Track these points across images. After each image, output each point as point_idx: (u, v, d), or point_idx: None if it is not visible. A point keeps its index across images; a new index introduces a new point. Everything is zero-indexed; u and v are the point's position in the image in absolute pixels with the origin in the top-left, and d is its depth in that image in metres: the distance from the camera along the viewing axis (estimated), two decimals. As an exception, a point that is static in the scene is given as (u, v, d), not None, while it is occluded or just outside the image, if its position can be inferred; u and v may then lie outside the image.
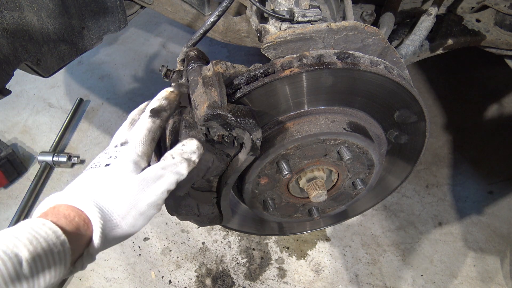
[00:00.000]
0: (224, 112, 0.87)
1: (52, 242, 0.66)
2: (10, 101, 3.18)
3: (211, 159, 0.96)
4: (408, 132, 1.23)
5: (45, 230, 0.66)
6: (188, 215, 1.12)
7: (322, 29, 0.99)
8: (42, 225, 0.67)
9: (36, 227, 0.66)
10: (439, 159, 2.64)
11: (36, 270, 0.63)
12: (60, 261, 0.67)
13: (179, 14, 1.72)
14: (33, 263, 0.62)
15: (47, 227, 0.67)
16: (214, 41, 3.49)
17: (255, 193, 1.18)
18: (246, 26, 1.73)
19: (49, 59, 1.48)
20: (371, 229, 2.36)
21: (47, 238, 0.65)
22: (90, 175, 0.79)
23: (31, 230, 0.65)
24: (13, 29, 1.32)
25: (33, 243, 0.63)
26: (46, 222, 0.68)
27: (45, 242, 0.65)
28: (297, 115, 1.08)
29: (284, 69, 0.99)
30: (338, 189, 1.28)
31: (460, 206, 2.43)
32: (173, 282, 2.20)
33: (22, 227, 0.66)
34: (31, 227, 0.66)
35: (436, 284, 2.15)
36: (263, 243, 2.32)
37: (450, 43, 1.67)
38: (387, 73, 1.04)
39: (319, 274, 2.21)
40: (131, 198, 0.77)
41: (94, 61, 3.44)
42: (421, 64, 3.05)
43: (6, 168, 2.55)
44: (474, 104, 2.90)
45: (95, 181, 0.78)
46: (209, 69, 0.97)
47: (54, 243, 0.66)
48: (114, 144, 0.86)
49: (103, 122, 3.00)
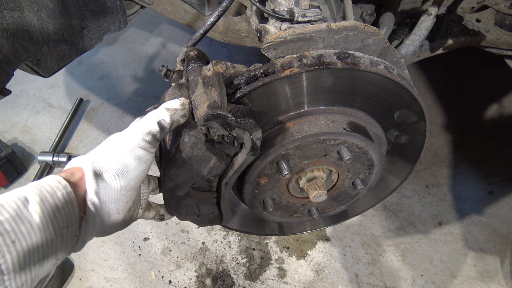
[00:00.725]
0: (224, 112, 0.87)
1: (55, 186, 0.73)
2: (10, 101, 3.19)
3: (211, 159, 0.96)
4: (408, 132, 1.23)
5: (48, 179, 0.74)
6: (188, 215, 1.12)
7: (322, 29, 0.99)
8: (48, 177, 0.75)
9: (43, 179, 0.75)
10: (439, 159, 2.64)
11: (46, 211, 0.69)
12: (67, 205, 0.73)
13: (179, 14, 1.72)
14: (42, 203, 0.69)
15: (52, 178, 0.75)
16: (214, 41, 3.49)
17: (255, 193, 1.18)
18: (246, 26, 1.73)
19: (49, 59, 1.48)
20: (371, 229, 2.36)
21: (50, 184, 0.73)
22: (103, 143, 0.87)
23: (39, 181, 0.74)
24: (13, 29, 1.32)
25: (38, 187, 0.71)
26: (51, 175, 0.76)
27: (49, 186, 0.72)
28: (297, 115, 1.08)
29: (284, 69, 0.98)
30: (338, 189, 1.28)
31: (460, 206, 2.43)
32: (173, 282, 2.20)
33: (30, 183, 0.74)
34: (39, 180, 0.75)
35: (436, 284, 2.15)
36: (263, 243, 2.33)
37: (450, 43, 1.67)
38: (387, 73, 1.04)
39: (319, 274, 2.21)
40: (118, 153, 0.82)
41: (94, 61, 3.45)
42: (421, 64, 3.06)
43: (6, 168, 2.55)
44: (474, 104, 2.90)
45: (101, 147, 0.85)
46: (209, 69, 0.97)
47: (57, 187, 0.73)
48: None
49: (103, 122, 3.00)
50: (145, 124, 0.84)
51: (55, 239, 0.71)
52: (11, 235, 0.63)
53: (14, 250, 0.63)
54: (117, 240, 2.37)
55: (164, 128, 0.86)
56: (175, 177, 0.98)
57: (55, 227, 0.70)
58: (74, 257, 2.32)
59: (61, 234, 0.72)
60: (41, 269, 0.70)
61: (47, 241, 0.69)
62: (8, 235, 0.63)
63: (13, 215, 0.65)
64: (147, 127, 0.84)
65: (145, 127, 0.84)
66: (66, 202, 0.73)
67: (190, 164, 0.96)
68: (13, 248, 0.63)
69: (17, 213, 0.65)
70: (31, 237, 0.66)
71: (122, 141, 0.83)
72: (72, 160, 0.83)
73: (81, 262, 2.30)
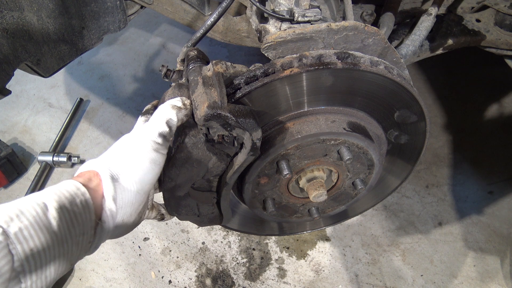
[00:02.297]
0: (224, 112, 0.87)
1: (74, 192, 0.73)
2: (10, 101, 3.19)
3: (211, 159, 0.96)
4: (408, 132, 1.23)
5: (66, 184, 0.74)
6: (188, 215, 1.12)
7: (322, 29, 0.99)
8: (66, 182, 0.75)
9: (62, 184, 0.75)
10: (439, 159, 2.64)
11: (64, 217, 0.69)
12: (84, 211, 0.73)
13: (179, 14, 1.72)
14: (60, 210, 0.69)
15: (71, 183, 0.75)
16: (214, 41, 3.49)
17: (255, 193, 1.18)
18: (246, 26, 1.73)
19: (49, 59, 1.48)
20: (371, 229, 2.36)
21: (68, 189, 0.73)
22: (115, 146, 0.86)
23: (55, 186, 0.74)
24: (13, 29, 1.32)
25: (57, 193, 0.71)
26: (67, 180, 0.77)
27: (67, 192, 0.72)
28: (297, 115, 1.08)
29: (284, 69, 0.98)
30: (338, 189, 1.28)
31: (460, 206, 2.43)
32: (173, 282, 2.20)
33: (48, 188, 0.74)
34: (59, 185, 0.75)
35: (436, 284, 2.15)
36: (263, 243, 2.32)
37: (450, 43, 1.67)
38: (387, 73, 1.04)
39: (319, 274, 2.21)
40: (133, 156, 0.82)
41: (94, 61, 3.45)
42: (421, 64, 3.06)
43: (6, 168, 2.55)
44: (474, 104, 2.90)
45: (114, 150, 0.85)
46: (209, 69, 0.97)
47: (76, 193, 0.73)
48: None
49: (103, 122, 3.00)
50: (156, 126, 0.84)
51: (71, 246, 0.71)
52: (29, 243, 0.63)
53: (32, 259, 0.64)
54: (117, 240, 2.37)
55: (172, 128, 0.86)
56: (175, 177, 0.98)
57: (72, 235, 0.71)
58: (74, 257, 2.32)
59: (77, 241, 0.72)
60: (56, 274, 0.70)
61: (64, 249, 0.69)
62: (27, 243, 0.63)
63: (32, 222, 0.65)
64: (157, 128, 0.84)
65: (156, 129, 0.83)
66: (84, 209, 0.73)
67: (190, 164, 0.96)
68: (31, 256, 0.63)
69: (36, 220, 0.65)
70: (48, 245, 0.66)
71: (136, 144, 0.83)
72: (87, 163, 0.83)
73: (81, 262, 2.30)
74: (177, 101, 0.90)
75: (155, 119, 0.85)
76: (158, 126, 0.84)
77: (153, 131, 0.84)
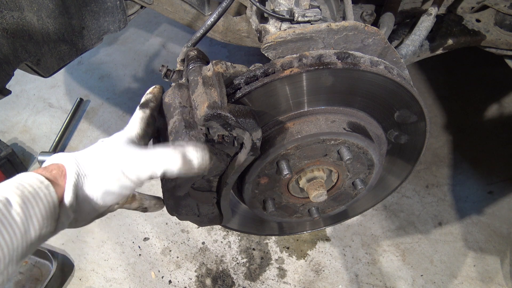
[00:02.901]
0: (224, 112, 0.87)
1: (37, 186, 0.72)
2: (10, 101, 3.19)
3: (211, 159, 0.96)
4: (408, 132, 1.23)
5: (29, 177, 0.73)
6: (188, 215, 1.12)
7: (322, 29, 0.99)
8: (27, 175, 0.73)
9: (23, 177, 0.73)
10: (439, 159, 2.64)
11: (28, 212, 0.68)
12: (48, 204, 0.72)
13: (179, 14, 1.72)
14: (24, 205, 0.68)
15: (33, 176, 0.73)
16: (214, 41, 3.49)
17: (255, 193, 1.18)
18: (246, 26, 1.73)
19: (49, 59, 1.48)
20: (371, 229, 2.36)
21: (32, 183, 0.72)
22: (86, 148, 0.85)
23: (17, 179, 0.72)
24: (13, 29, 1.32)
25: (20, 188, 0.70)
26: (31, 173, 0.75)
27: (30, 187, 0.71)
28: (297, 115, 1.08)
29: (284, 69, 0.98)
30: (338, 189, 1.28)
31: (460, 206, 2.43)
32: (173, 282, 2.20)
33: (10, 180, 0.72)
34: (17, 178, 0.73)
35: (436, 284, 2.15)
36: (263, 243, 2.33)
37: (450, 43, 1.67)
38: (387, 73, 1.04)
39: (319, 274, 2.21)
40: (110, 162, 0.80)
41: (94, 61, 3.45)
42: (421, 64, 3.06)
43: (6, 168, 2.55)
44: (474, 104, 2.90)
45: (86, 148, 0.84)
46: (209, 69, 0.97)
47: (39, 188, 0.72)
48: None
49: (103, 122, 3.00)
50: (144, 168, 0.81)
51: (34, 239, 0.71)
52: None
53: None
54: (117, 240, 2.37)
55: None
56: (175, 177, 0.98)
57: (35, 228, 0.70)
58: (74, 257, 2.32)
59: (40, 234, 0.72)
60: (18, 266, 0.70)
61: (27, 243, 0.69)
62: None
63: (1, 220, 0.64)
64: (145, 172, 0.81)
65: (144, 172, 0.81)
66: (48, 203, 0.72)
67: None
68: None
69: (5, 216, 0.65)
70: (12, 241, 0.65)
71: (114, 163, 0.80)
72: (56, 156, 0.81)
73: (81, 262, 2.30)
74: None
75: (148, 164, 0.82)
76: (147, 170, 0.82)
77: (141, 170, 0.82)
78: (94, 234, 2.40)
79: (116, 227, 2.42)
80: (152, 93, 1.02)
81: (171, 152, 0.81)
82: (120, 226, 2.42)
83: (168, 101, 1.01)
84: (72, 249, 2.35)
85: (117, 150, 0.82)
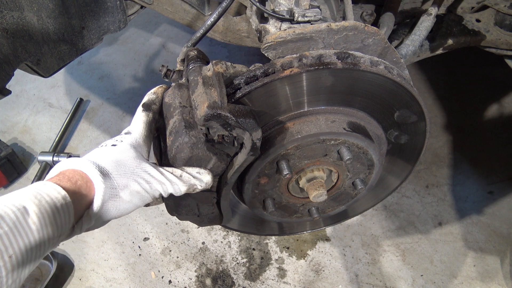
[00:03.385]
0: (224, 112, 0.87)
1: (55, 197, 0.72)
2: (10, 101, 3.18)
3: (211, 159, 0.96)
4: (408, 132, 1.23)
5: (47, 188, 0.73)
6: (188, 215, 1.12)
7: (322, 29, 0.99)
8: (44, 185, 0.74)
9: (40, 186, 0.73)
10: (439, 159, 2.64)
11: (44, 222, 0.69)
12: (64, 216, 0.73)
13: (179, 14, 1.72)
14: (40, 215, 0.69)
15: (50, 186, 0.74)
16: (214, 41, 3.49)
17: (255, 193, 1.18)
18: (246, 26, 1.73)
19: (49, 59, 1.48)
20: (371, 229, 2.36)
21: (50, 194, 0.72)
22: (98, 151, 0.87)
23: (35, 188, 0.73)
24: (13, 29, 1.32)
25: (38, 197, 0.70)
26: (48, 182, 0.75)
27: (48, 197, 0.71)
28: (297, 115, 1.08)
29: (284, 69, 0.98)
30: (338, 189, 1.28)
31: (460, 206, 2.43)
32: (173, 282, 2.20)
33: (27, 188, 0.73)
34: (35, 187, 0.73)
35: (436, 284, 2.15)
36: (263, 243, 2.33)
37: (450, 43, 1.67)
38: (387, 73, 1.04)
39: (319, 274, 2.21)
40: (131, 172, 0.84)
41: (94, 61, 3.45)
42: (421, 64, 3.05)
43: (6, 168, 2.55)
44: (474, 104, 2.90)
45: (101, 153, 0.85)
46: (209, 69, 0.97)
47: (57, 198, 0.72)
48: (120, 134, 0.95)
49: (103, 122, 3.00)
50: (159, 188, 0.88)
51: (47, 247, 0.72)
52: (9, 251, 0.63)
53: (10, 266, 0.64)
54: (117, 240, 2.37)
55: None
56: None
57: (49, 238, 0.71)
58: (74, 257, 2.32)
59: (54, 242, 0.73)
60: (29, 272, 0.71)
61: (40, 251, 0.70)
62: (7, 251, 0.63)
63: (12, 228, 0.65)
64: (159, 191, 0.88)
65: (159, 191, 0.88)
66: (64, 214, 0.73)
67: (190, 164, 0.96)
68: (9, 263, 0.63)
69: (16, 225, 0.65)
70: (27, 251, 0.66)
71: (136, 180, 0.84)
72: (75, 161, 0.81)
73: (81, 262, 2.30)
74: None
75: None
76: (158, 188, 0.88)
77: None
78: (94, 234, 2.40)
79: (116, 227, 2.42)
80: (156, 93, 1.03)
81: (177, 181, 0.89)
82: (120, 226, 2.42)
83: (168, 101, 1.01)
84: (72, 249, 2.35)
85: (135, 164, 0.85)
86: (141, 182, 0.84)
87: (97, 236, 2.40)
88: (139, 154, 0.89)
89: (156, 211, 2.48)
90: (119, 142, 0.88)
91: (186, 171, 0.92)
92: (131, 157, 0.86)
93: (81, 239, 2.38)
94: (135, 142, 0.90)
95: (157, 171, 0.87)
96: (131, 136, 0.92)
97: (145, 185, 0.85)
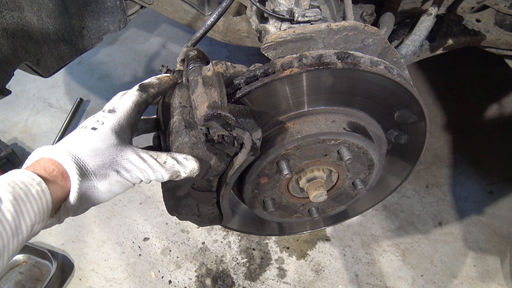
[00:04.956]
0: (224, 112, 0.87)
1: (29, 184, 0.70)
2: (10, 101, 3.19)
3: (211, 159, 0.96)
4: (408, 132, 1.23)
5: (21, 175, 0.72)
6: (188, 215, 1.12)
7: (322, 29, 0.99)
8: (19, 173, 0.72)
9: (14, 174, 0.72)
10: (439, 159, 2.64)
11: (20, 209, 0.68)
12: (41, 202, 0.71)
13: (179, 14, 1.72)
14: (15, 202, 0.67)
15: (24, 173, 0.72)
16: (214, 41, 3.49)
17: (255, 193, 1.18)
18: (246, 26, 1.73)
19: (49, 59, 1.48)
20: (371, 229, 2.36)
21: (24, 181, 0.70)
22: (76, 135, 0.83)
23: (9, 176, 0.71)
24: (13, 29, 1.32)
25: (11, 184, 0.69)
26: (22, 170, 0.73)
27: (23, 184, 0.70)
28: (297, 115, 1.08)
29: (284, 69, 0.98)
30: (338, 189, 1.28)
31: (460, 206, 2.43)
32: (173, 282, 2.20)
33: (0, 177, 0.71)
34: (9, 175, 0.72)
35: (436, 284, 2.15)
36: (263, 243, 2.33)
37: (450, 43, 1.67)
38: (387, 73, 1.04)
39: (319, 274, 2.21)
40: (110, 162, 0.80)
41: (94, 61, 3.45)
42: (421, 64, 3.06)
43: (6, 168, 2.54)
44: (474, 104, 2.90)
45: (79, 140, 0.81)
46: (209, 69, 0.97)
47: (31, 184, 0.71)
48: (104, 109, 0.90)
49: (103, 122, 2.99)
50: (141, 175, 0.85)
51: (25, 234, 0.70)
52: None
53: None
54: (117, 240, 2.37)
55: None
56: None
57: (27, 225, 0.70)
58: (74, 257, 2.32)
59: (32, 229, 0.72)
60: (9, 261, 0.70)
61: (18, 240, 0.69)
62: None
63: None
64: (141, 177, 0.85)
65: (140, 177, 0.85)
66: (41, 200, 0.71)
67: (190, 164, 0.95)
68: None
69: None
70: (2, 238, 0.65)
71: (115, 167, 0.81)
72: (47, 149, 0.79)
73: (81, 262, 2.30)
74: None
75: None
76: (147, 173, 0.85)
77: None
78: (94, 234, 2.40)
79: (116, 227, 2.42)
80: (159, 79, 0.98)
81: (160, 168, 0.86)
82: (120, 226, 2.42)
83: (168, 101, 1.01)
84: (72, 249, 2.35)
85: (115, 152, 0.82)
86: (121, 171, 0.81)
87: (97, 236, 2.40)
88: (121, 139, 0.84)
89: (156, 211, 2.48)
90: (99, 125, 0.84)
91: (172, 156, 0.88)
92: (111, 144, 0.81)
93: (81, 239, 2.39)
94: (117, 126, 0.85)
95: (139, 158, 0.83)
96: (115, 116, 0.87)
97: (126, 174, 0.82)
